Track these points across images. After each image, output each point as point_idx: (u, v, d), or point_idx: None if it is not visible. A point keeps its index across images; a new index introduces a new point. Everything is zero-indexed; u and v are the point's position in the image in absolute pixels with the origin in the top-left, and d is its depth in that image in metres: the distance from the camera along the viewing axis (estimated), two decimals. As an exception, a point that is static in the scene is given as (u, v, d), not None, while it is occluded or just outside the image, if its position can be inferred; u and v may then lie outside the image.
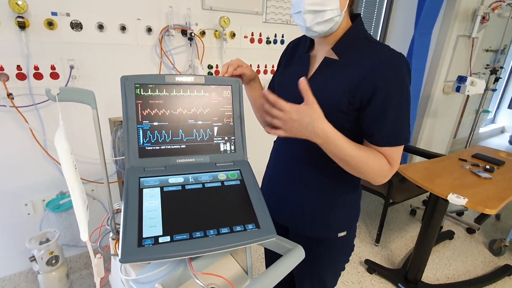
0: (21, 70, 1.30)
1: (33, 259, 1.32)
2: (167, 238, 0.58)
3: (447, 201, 1.50)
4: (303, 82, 0.65)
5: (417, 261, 1.74)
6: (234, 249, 0.62)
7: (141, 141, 0.72)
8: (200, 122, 0.77)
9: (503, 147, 4.61)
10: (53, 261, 1.34)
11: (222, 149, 0.79)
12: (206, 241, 0.59)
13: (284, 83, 0.90)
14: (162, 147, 0.73)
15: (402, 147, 0.73)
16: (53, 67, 1.36)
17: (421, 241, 1.69)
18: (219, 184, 0.72)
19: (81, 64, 1.43)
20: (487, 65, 3.64)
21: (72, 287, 1.44)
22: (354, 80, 0.70)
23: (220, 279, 0.74)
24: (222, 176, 0.74)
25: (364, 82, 0.69)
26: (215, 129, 0.78)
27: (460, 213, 2.63)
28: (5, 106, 1.30)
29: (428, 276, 1.92)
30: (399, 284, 1.78)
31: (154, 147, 0.73)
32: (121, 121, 1.51)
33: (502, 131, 5.37)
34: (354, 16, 0.78)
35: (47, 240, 1.35)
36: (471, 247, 2.26)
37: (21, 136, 1.40)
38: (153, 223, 0.60)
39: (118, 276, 0.84)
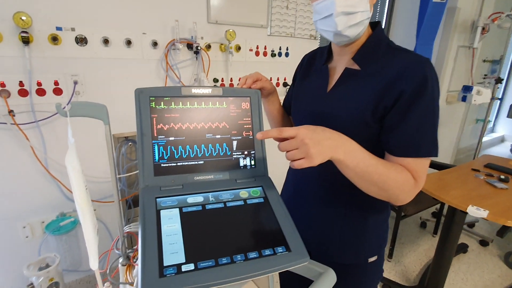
0: (23, 86, 1.25)
1: (31, 287, 1.23)
2: (191, 266, 0.52)
3: (465, 213, 1.45)
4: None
5: (436, 277, 1.66)
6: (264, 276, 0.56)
7: (156, 158, 0.67)
8: (218, 136, 0.72)
9: (505, 155, 4.57)
10: (53, 288, 1.25)
11: (241, 164, 0.73)
12: (233, 268, 0.53)
13: (301, 97, 0.85)
14: (178, 164, 0.68)
15: (426, 161, 0.66)
16: (56, 83, 1.32)
17: (439, 256, 1.62)
18: (241, 202, 0.66)
19: (85, 79, 1.39)
20: (485, 75, 3.67)
21: (73, 315, 1.34)
22: (378, 89, 0.66)
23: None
24: (244, 193, 0.68)
25: (388, 90, 0.65)
26: (234, 143, 0.73)
27: (471, 224, 2.57)
28: (5, 123, 1.25)
29: (446, 292, 1.83)
30: (417, 303, 1.70)
31: (170, 164, 0.67)
32: (126, 137, 1.47)
33: (502, 140, 5.36)
34: (373, 25, 0.75)
35: (47, 266, 1.27)
36: (486, 260, 2.18)
37: (21, 154, 1.34)
38: (174, 249, 0.54)
39: (128, 305, 0.76)
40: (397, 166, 0.65)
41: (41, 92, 1.29)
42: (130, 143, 1.44)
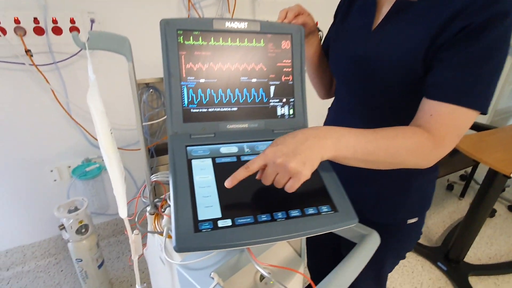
0: (39, 23, 1.17)
1: (62, 227, 1.27)
2: (228, 222, 0.47)
3: (507, 177, 1.35)
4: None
5: (462, 240, 1.62)
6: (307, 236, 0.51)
7: (186, 102, 0.59)
8: (254, 80, 0.63)
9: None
10: (83, 230, 1.29)
11: (279, 113, 0.65)
12: (274, 227, 0.48)
13: (340, 37, 0.73)
14: (210, 110, 0.60)
15: (467, 115, 0.51)
16: (72, 21, 1.22)
17: (470, 219, 1.56)
18: (280, 155, 0.59)
19: (102, 18, 1.28)
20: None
21: (102, 255, 1.41)
22: (436, 24, 0.51)
23: (272, 262, 0.65)
24: (282, 146, 0.61)
25: (451, 22, 0.50)
26: (272, 88, 0.64)
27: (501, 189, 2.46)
28: (24, 64, 1.19)
29: (469, 255, 1.80)
30: (439, 263, 1.68)
31: (200, 110, 0.60)
32: (147, 84, 1.39)
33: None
34: None
35: (76, 209, 1.30)
36: (514, 226, 2.12)
37: (42, 98, 1.30)
38: (208, 202, 0.49)
39: (156, 253, 0.75)
40: (402, 130, 0.52)
41: (57, 30, 1.21)
42: (151, 90, 1.37)
